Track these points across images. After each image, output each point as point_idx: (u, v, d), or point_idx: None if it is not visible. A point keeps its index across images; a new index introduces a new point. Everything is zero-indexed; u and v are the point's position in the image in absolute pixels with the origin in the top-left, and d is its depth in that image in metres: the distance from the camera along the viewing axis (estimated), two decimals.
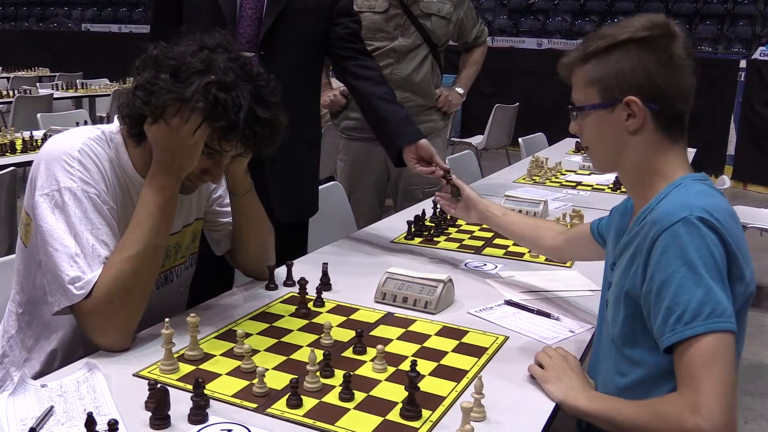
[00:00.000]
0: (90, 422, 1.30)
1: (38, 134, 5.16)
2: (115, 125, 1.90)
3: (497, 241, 2.85)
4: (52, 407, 1.47)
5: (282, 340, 1.85)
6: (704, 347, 1.37)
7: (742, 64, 9.30)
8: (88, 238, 1.72)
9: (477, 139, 8.65)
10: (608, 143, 1.66)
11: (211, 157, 1.83)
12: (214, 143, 1.79)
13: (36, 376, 1.68)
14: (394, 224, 3.10)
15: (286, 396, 1.53)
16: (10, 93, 8.77)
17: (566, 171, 4.38)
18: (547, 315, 2.05)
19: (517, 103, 8.75)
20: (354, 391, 1.57)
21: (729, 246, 1.43)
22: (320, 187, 3.43)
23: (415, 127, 2.68)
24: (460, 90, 3.99)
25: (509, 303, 2.15)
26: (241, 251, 2.20)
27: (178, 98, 1.72)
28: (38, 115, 6.29)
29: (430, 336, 1.90)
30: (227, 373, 1.65)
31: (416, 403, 1.50)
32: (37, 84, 10.07)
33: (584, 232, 2.08)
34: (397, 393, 1.58)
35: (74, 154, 1.77)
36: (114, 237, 1.78)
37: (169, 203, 1.81)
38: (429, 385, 1.63)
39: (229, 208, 2.16)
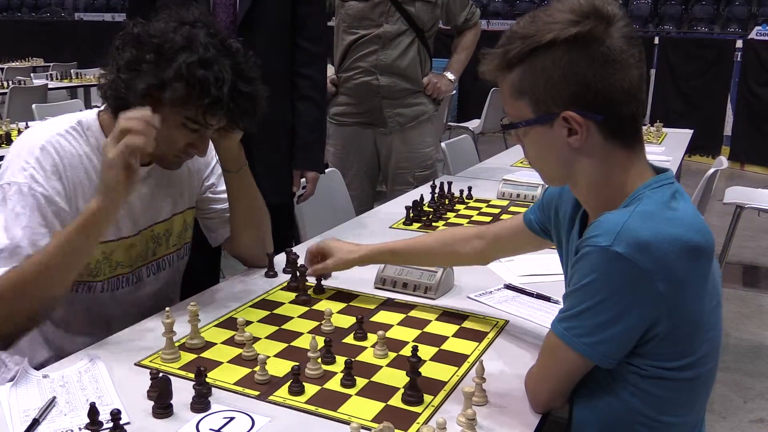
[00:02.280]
0: (93, 412, 1.31)
1: (33, 125, 5.11)
2: (93, 111, 1.89)
3: None
4: (54, 398, 1.47)
5: (282, 327, 1.85)
6: (551, 340, 1.42)
7: (739, 44, 9.28)
8: (16, 235, 1.69)
9: (474, 123, 8.64)
10: (554, 162, 1.45)
11: (195, 131, 1.82)
12: (199, 118, 1.78)
13: (40, 366, 1.68)
14: (393, 209, 3.10)
15: (288, 383, 1.54)
16: (5, 84, 8.73)
17: None
18: (547, 298, 2.05)
19: None
20: (355, 377, 1.57)
21: (653, 283, 1.27)
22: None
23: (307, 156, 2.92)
24: (450, 75, 3.96)
25: (509, 287, 2.15)
26: (238, 235, 2.18)
27: (158, 83, 1.71)
28: (33, 105, 6.28)
29: (430, 321, 1.91)
30: (228, 361, 1.66)
31: (418, 388, 1.50)
32: (32, 74, 10.01)
33: (517, 227, 1.87)
34: (398, 378, 1.58)
35: (35, 151, 1.76)
36: (48, 239, 1.72)
37: (93, 232, 1.67)
38: (430, 370, 1.64)
39: (222, 195, 2.16)
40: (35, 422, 1.38)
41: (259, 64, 1.87)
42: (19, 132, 4.91)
